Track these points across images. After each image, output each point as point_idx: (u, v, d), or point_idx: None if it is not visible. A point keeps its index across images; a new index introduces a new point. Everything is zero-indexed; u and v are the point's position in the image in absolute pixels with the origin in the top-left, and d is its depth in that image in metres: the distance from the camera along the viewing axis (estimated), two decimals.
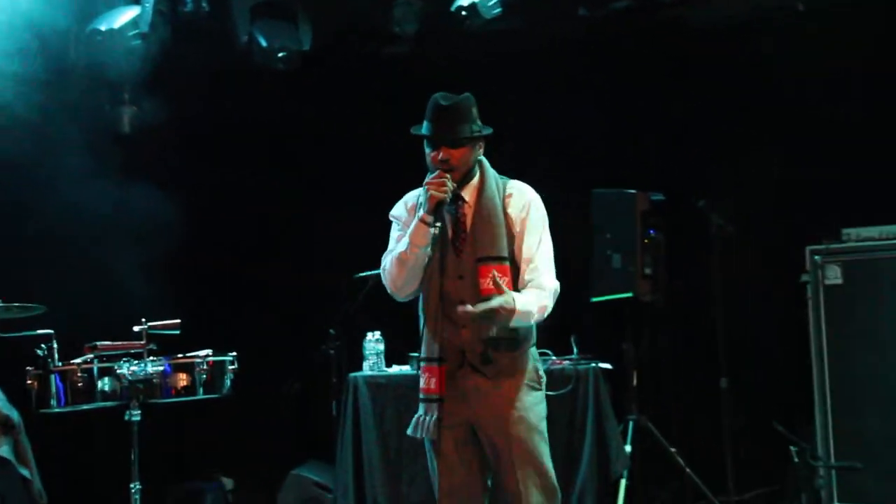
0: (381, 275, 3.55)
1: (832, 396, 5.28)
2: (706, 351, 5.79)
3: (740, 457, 5.59)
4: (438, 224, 3.35)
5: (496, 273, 3.30)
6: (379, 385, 5.14)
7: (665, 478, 5.89)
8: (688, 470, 5.61)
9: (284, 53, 6.01)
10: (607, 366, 5.21)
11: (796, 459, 5.35)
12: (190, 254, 6.65)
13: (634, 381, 5.72)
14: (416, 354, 5.12)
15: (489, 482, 3.50)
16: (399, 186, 6.82)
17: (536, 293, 3.39)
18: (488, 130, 3.48)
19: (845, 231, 5.38)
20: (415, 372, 5.08)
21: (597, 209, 5.59)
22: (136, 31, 5.70)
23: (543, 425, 3.46)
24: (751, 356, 5.91)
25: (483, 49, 6.31)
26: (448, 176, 3.37)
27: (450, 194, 3.36)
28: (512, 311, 3.28)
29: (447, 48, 6.38)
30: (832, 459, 5.24)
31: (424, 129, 3.45)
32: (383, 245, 6.42)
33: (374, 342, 5.27)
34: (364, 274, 5.45)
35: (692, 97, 6.28)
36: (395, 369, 5.28)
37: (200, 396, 4.67)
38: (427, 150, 3.46)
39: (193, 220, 6.20)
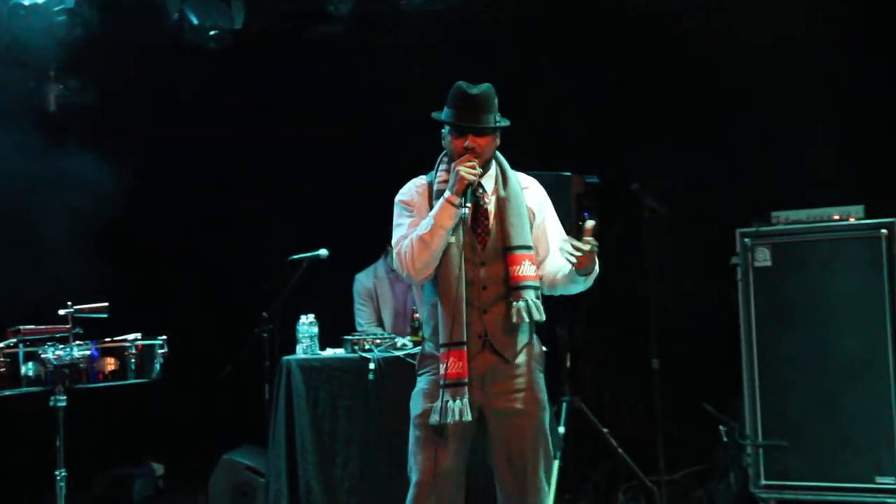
0: (396, 258, 3.53)
1: (760, 377, 5.37)
2: (638, 332, 5.85)
3: (671, 437, 5.66)
4: (468, 206, 3.40)
5: (527, 262, 3.47)
6: (312, 368, 5.08)
7: (598, 458, 5.96)
8: (620, 450, 5.67)
9: (216, 32, 5.90)
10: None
11: (725, 438, 5.44)
12: (118, 235, 6.52)
13: (568, 364, 5.75)
14: (349, 337, 5.14)
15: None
16: (334, 167, 6.81)
17: None
18: (507, 122, 3.54)
19: (774, 214, 5.46)
20: (349, 355, 5.08)
21: None
22: (61, 6, 5.54)
23: (548, 405, 3.61)
24: (682, 337, 5.98)
25: (419, 29, 6.28)
26: (476, 160, 3.43)
27: (477, 178, 3.43)
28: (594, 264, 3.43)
29: (383, 28, 6.34)
30: (759, 438, 5.33)
31: (447, 115, 3.48)
32: (317, 227, 6.40)
33: (307, 325, 5.20)
34: (298, 256, 5.39)
35: (628, 80, 6.31)
36: (329, 352, 5.23)
37: (129, 381, 4.58)
38: (450, 137, 3.51)
39: (121, 200, 6.06)
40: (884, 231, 5.16)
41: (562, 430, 5.36)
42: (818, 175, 5.81)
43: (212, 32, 5.86)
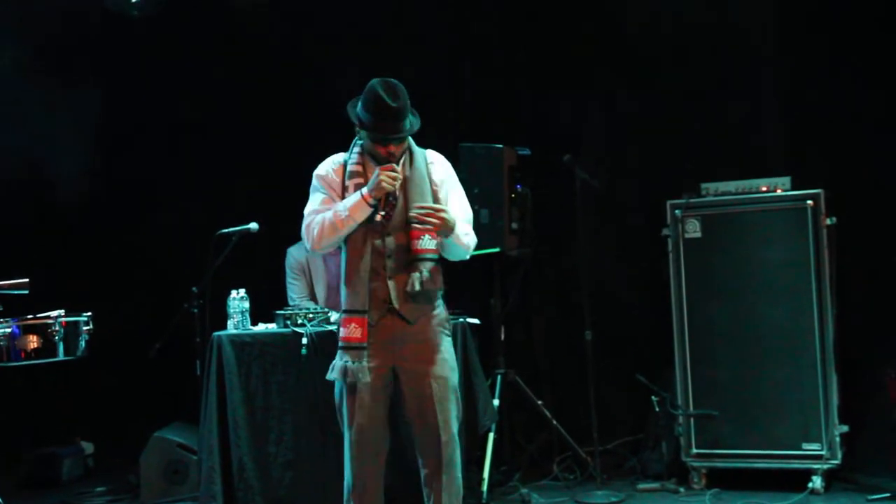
0: (304, 229, 3.78)
1: (690, 347, 5.43)
2: (572, 304, 5.88)
3: (604, 407, 5.71)
4: (383, 213, 3.66)
5: (427, 236, 3.70)
6: (244, 344, 5.01)
7: (532, 430, 5.99)
8: (554, 422, 5.71)
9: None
10: (475, 321, 5.22)
11: (657, 409, 5.50)
12: (40, 208, 6.35)
13: (502, 336, 5.76)
14: (282, 312, 5.08)
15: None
16: (264, 139, 6.70)
17: (469, 227, 3.88)
18: (419, 124, 3.76)
19: (704, 185, 5.51)
20: (281, 330, 5.02)
21: (464, 164, 5.55)
22: None
23: (456, 365, 3.90)
24: (615, 309, 6.03)
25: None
26: (398, 169, 3.67)
27: (396, 187, 3.66)
28: (452, 225, 3.69)
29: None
30: (691, 408, 5.41)
31: (367, 121, 3.68)
32: (244, 201, 6.30)
33: (238, 300, 5.12)
34: (228, 230, 5.30)
35: (559, 51, 6.30)
36: (261, 327, 5.16)
37: (53, 359, 4.46)
38: (370, 140, 3.72)
39: (44, 172, 5.90)
40: (809, 202, 5.24)
41: (496, 402, 5.37)
42: (746, 147, 5.87)
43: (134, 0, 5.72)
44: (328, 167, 3.85)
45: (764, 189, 5.38)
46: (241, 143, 6.65)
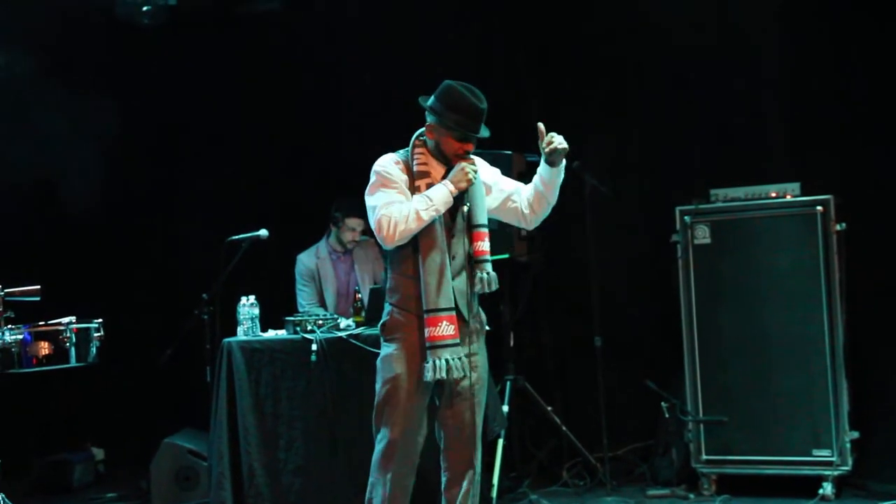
0: (384, 222, 3.70)
1: (700, 353, 5.42)
2: (581, 310, 5.88)
3: (614, 414, 5.71)
4: (467, 205, 3.78)
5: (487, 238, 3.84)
6: (254, 350, 5.03)
7: (542, 436, 5.99)
8: (564, 428, 5.72)
9: (149, 7, 5.78)
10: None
11: (667, 415, 5.50)
12: (50, 215, 6.38)
13: (511, 342, 5.77)
14: (291, 318, 5.09)
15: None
16: (273, 147, 6.72)
17: None
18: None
19: (713, 192, 5.51)
20: (291, 336, 5.03)
21: None
22: None
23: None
24: (624, 315, 6.03)
25: (356, 5, 6.24)
26: (477, 164, 3.83)
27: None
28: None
29: (319, 6, 6.29)
30: (700, 414, 5.40)
31: (454, 120, 3.74)
32: (254, 208, 6.31)
33: (248, 306, 5.15)
34: (238, 237, 5.32)
35: (566, 55, 6.31)
36: (271, 334, 5.18)
37: (65, 365, 4.49)
38: (450, 137, 3.77)
39: (53, 178, 5.93)
40: (819, 208, 5.23)
41: (505, 408, 5.38)
42: (756, 153, 5.87)
43: (145, 8, 5.74)
44: (391, 165, 3.82)
45: (773, 195, 5.38)
46: (251, 150, 6.67)
